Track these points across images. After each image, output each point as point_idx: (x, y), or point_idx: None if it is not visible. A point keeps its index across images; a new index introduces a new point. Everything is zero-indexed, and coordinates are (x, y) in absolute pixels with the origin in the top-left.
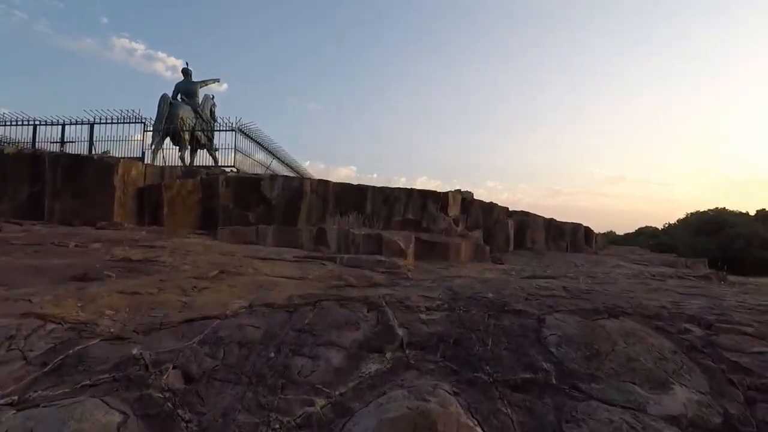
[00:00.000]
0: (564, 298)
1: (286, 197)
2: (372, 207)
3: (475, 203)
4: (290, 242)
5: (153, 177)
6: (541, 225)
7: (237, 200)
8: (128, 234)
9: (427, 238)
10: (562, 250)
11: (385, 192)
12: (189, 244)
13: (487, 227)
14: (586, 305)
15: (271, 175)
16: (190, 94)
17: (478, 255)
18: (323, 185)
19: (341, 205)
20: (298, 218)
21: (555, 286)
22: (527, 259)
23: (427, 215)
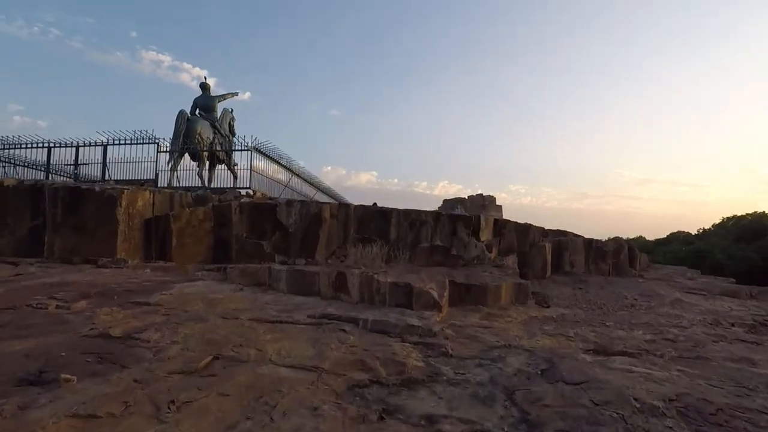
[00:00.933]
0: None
1: (304, 224)
2: (397, 232)
3: (508, 225)
4: (306, 288)
5: (162, 206)
6: (580, 246)
7: (251, 228)
8: (128, 277)
9: (463, 280)
10: (604, 273)
11: (410, 216)
12: (190, 297)
13: (523, 251)
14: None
15: (287, 200)
16: (209, 108)
17: (519, 296)
18: (344, 210)
19: (363, 230)
20: (316, 247)
21: (655, 396)
22: (572, 292)
23: (457, 241)
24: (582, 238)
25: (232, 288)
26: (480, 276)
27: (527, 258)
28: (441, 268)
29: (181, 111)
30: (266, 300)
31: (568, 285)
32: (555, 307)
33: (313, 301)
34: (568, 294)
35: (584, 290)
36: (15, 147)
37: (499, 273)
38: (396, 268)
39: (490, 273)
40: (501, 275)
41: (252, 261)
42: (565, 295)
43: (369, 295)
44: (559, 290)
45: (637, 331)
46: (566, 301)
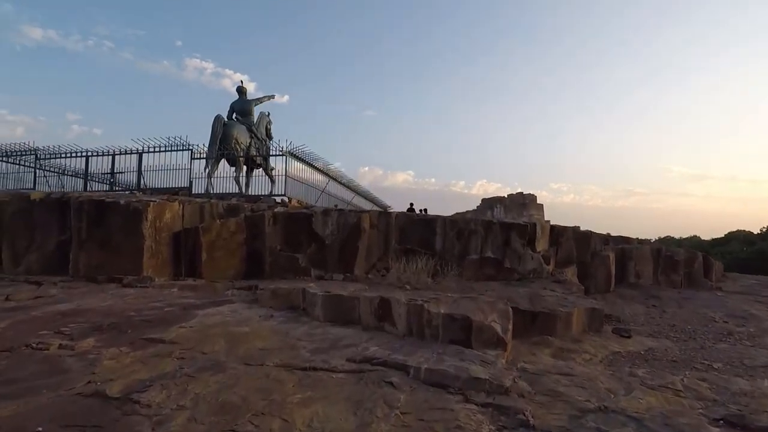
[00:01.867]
0: None
1: (342, 235)
2: (443, 243)
3: (566, 233)
4: (345, 315)
5: (192, 217)
6: (647, 254)
7: (286, 239)
8: (151, 299)
9: (527, 306)
10: (676, 285)
11: (457, 225)
12: (211, 332)
13: (583, 261)
14: None
15: (323, 209)
16: (245, 113)
17: (593, 323)
18: (384, 219)
19: (406, 240)
20: (355, 260)
21: None
22: (645, 311)
23: (510, 252)
24: (649, 245)
25: (261, 315)
26: (542, 296)
27: (588, 269)
28: (493, 283)
29: (218, 116)
30: (298, 334)
31: (638, 301)
32: (637, 336)
33: (352, 334)
34: (642, 313)
35: (659, 308)
36: (55, 156)
37: (562, 291)
38: (444, 284)
39: (552, 291)
40: (565, 294)
41: (286, 275)
42: (639, 316)
43: (418, 327)
44: (630, 308)
45: (762, 380)
46: (646, 326)
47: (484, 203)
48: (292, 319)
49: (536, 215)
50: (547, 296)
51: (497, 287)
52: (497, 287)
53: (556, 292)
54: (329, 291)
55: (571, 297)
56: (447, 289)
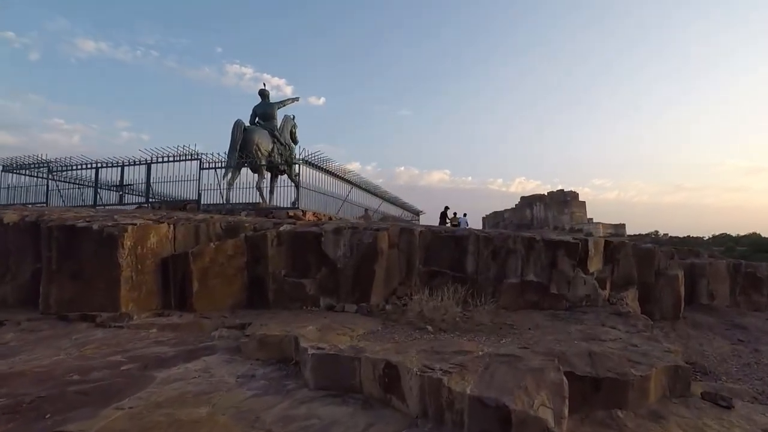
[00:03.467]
0: None
1: (356, 257)
2: (476, 264)
3: (624, 249)
4: (341, 382)
5: (186, 240)
6: (722, 271)
7: (292, 263)
8: (116, 347)
9: (587, 368)
10: (759, 307)
11: (493, 243)
12: (155, 418)
13: (645, 282)
14: None
15: (335, 228)
16: (268, 116)
17: (676, 386)
18: (406, 237)
19: (432, 261)
20: (371, 286)
21: None
22: (731, 349)
23: (557, 275)
24: (724, 260)
25: (240, 374)
26: (602, 340)
27: (651, 291)
28: (537, 314)
29: (237, 121)
30: (273, 417)
31: (717, 331)
32: (740, 403)
33: (347, 417)
34: (729, 354)
35: (750, 344)
36: (67, 168)
37: (625, 328)
38: (476, 318)
39: (612, 329)
40: (630, 333)
41: (292, 305)
42: (727, 359)
43: (436, 408)
44: (710, 345)
45: None
46: (743, 379)
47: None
48: (275, 384)
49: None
50: (609, 340)
51: (542, 321)
52: (542, 321)
53: (618, 330)
54: (322, 348)
55: (638, 339)
56: (478, 326)
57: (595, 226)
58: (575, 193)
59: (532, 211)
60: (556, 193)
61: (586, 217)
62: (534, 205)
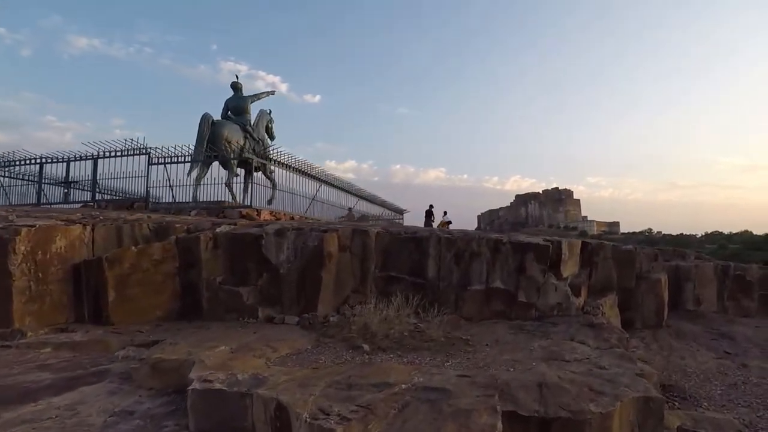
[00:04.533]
0: None
1: (301, 262)
2: (437, 268)
3: (603, 251)
4: (230, 421)
5: (107, 243)
6: (709, 274)
7: (231, 268)
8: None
9: (534, 407)
10: (748, 312)
11: (455, 245)
12: None
13: (625, 288)
14: None
15: (277, 229)
16: (240, 110)
17: (647, 422)
18: (360, 239)
19: (390, 265)
20: (318, 295)
21: None
22: (716, 364)
23: (525, 281)
24: (711, 262)
25: (117, 411)
26: (565, 361)
27: (632, 297)
28: (501, 326)
29: (205, 114)
30: None
31: (702, 342)
32: None
33: None
34: (714, 370)
35: (737, 357)
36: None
37: (596, 344)
38: (430, 332)
39: (581, 345)
40: (601, 352)
41: (228, 315)
42: (711, 378)
43: None
44: (694, 359)
45: None
46: (728, 405)
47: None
48: (152, 425)
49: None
50: (573, 361)
51: (504, 335)
52: (504, 335)
53: (587, 347)
54: (210, 382)
55: (609, 359)
56: (428, 343)
57: (590, 224)
58: (570, 192)
59: (527, 209)
60: (551, 191)
61: (580, 215)
62: (529, 203)
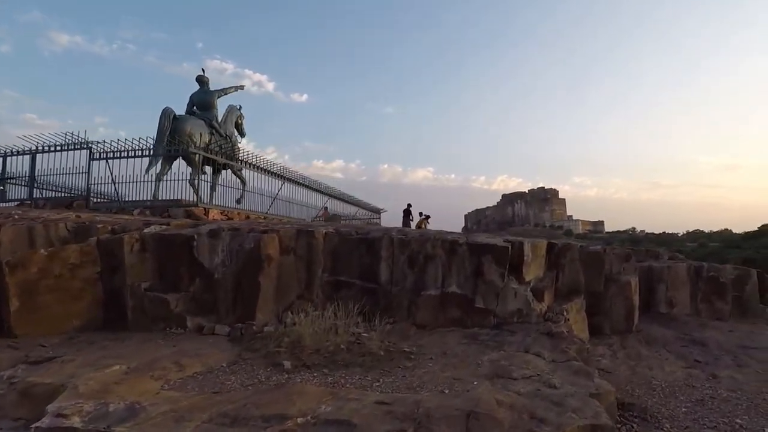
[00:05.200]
0: None
1: (236, 266)
2: (390, 272)
3: (570, 253)
4: None
5: (15, 245)
6: (682, 275)
7: (159, 273)
8: None
9: None
10: (722, 316)
11: (409, 247)
12: None
13: (594, 291)
14: None
15: (210, 230)
16: (206, 105)
17: None
18: (306, 240)
19: (339, 269)
20: (256, 303)
21: None
22: (685, 374)
23: (483, 286)
24: (684, 263)
25: None
26: (513, 375)
27: (601, 301)
28: (453, 336)
29: (165, 108)
30: None
31: (672, 349)
32: None
33: None
34: (681, 382)
35: (708, 367)
36: None
37: (552, 357)
38: (370, 344)
39: (535, 357)
40: (555, 366)
41: (155, 326)
42: (677, 392)
43: None
44: (659, 367)
45: None
46: (689, 422)
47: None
48: None
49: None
50: (521, 378)
51: (455, 346)
52: (455, 346)
53: (542, 359)
54: (65, 417)
55: (563, 374)
56: (363, 357)
57: (575, 224)
58: (555, 191)
59: (513, 208)
60: (537, 190)
61: (566, 215)
62: (515, 202)
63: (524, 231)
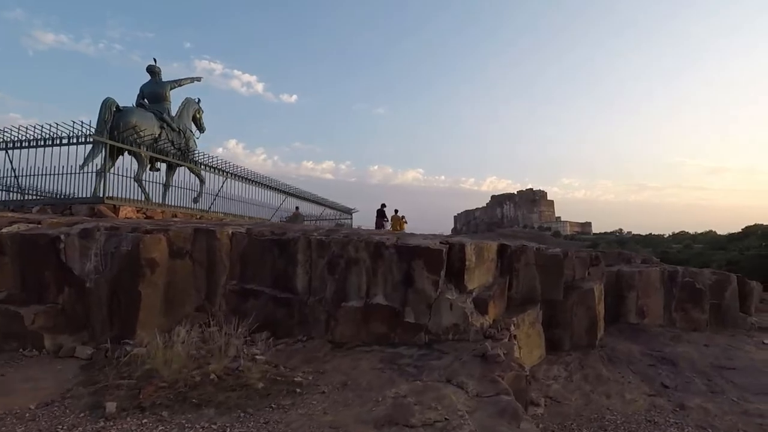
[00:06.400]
0: None
1: (112, 273)
2: (308, 278)
3: (525, 256)
4: None
5: None
6: (655, 281)
7: (22, 281)
8: None
9: None
10: (699, 326)
11: (329, 249)
12: None
13: (552, 300)
14: None
15: (83, 229)
16: (157, 97)
17: None
18: (205, 242)
19: (250, 277)
20: (136, 317)
21: None
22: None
23: (413, 296)
24: (658, 267)
25: None
26: (412, 423)
27: (561, 312)
28: (373, 355)
29: (106, 99)
30: None
31: (637, 369)
32: None
33: None
34: (640, 414)
35: (676, 393)
36: None
37: (478, 387)
38: (259, 369)
39: (459, 388)
40: (480, 399)
41: (7, 345)
42: (634, 427)
43: None
44: (619, 395)
45: None
46: None
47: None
48: None
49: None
50: (421, 426)
51: (364, 373)
52: (364, 373)
53: (463, 393)
54: None
55: (480, 419)
56: (231, 393)
57: (563, 225)
58: (544, 192)
59: (502, 210)
60: (526, 192)
61: (554, 216)
62: (504, 203)
63: (512, 232)
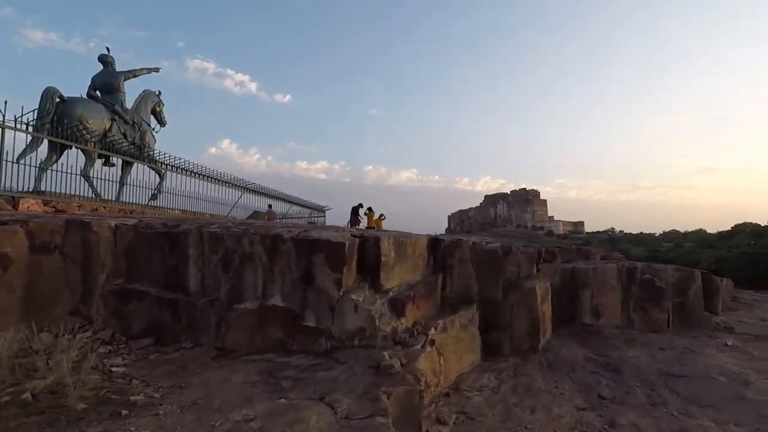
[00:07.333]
0: None
1: None
2: (200, 278)
3: (458, 252)
4: None
5: None
6: (611, 279)
7: None
8: None
9: None
10: (659, 327)
11: (223, 243)
12: None
13: (489, 300)
14: None
15: None
16: (110, 88)
17: None
18: (79, 235)
19: (136, 275)
20: None
21: None
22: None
23: (314, 296)
24: (615, 264)
25: None
26: None
27: (500, 313)
28: (254, 365)
29: (48, 88)
30: None
31: (576, 377)
32: None
33: None
34: (567, 428)
35: (608, 408)
36: None
37: (353, 406)
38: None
39: (329, 407)
40: (347, 424)
41: None
42: None
43: None
44: (545, 410)
45: None
46: None
47: (487, 200)
48: None
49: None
50: None
51: (233, 388)
52: (233, 388)
53: (330, 413)
54: None
55: None
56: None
57: (556, 224)
58: (537, 192)
59: (495, 209)
60: (519, 191)
61: (547, 215)
62: (497, 203)
63: (505, 231)
